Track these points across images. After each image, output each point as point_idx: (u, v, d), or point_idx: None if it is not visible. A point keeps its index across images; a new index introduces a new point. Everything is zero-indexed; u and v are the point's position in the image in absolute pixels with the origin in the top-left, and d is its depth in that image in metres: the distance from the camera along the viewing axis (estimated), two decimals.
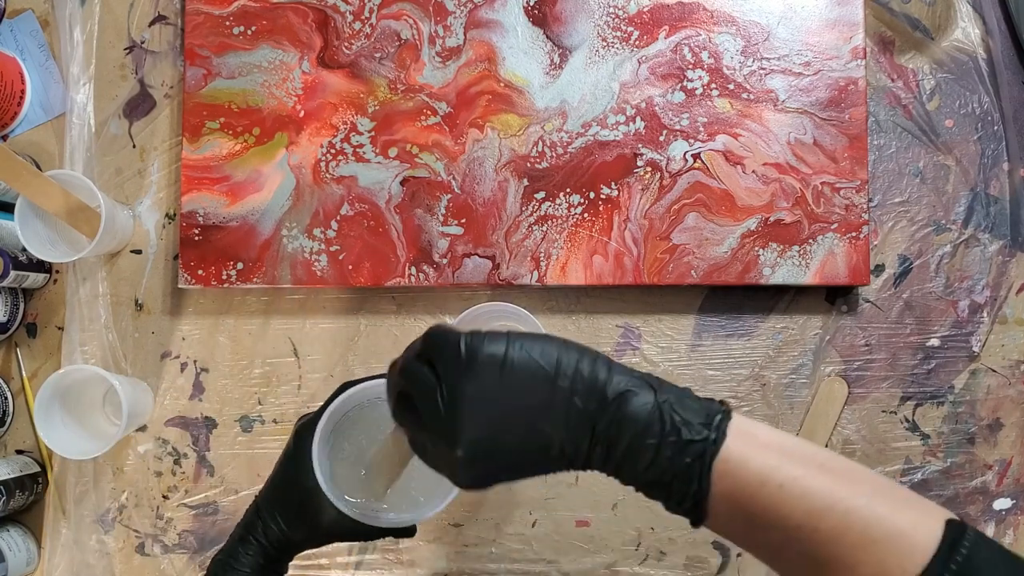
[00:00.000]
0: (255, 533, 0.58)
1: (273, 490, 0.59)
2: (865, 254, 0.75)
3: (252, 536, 0.58)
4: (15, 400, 0.82)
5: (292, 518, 0.57)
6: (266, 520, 0.58)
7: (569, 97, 0.77)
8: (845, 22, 0.76)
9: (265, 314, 0.81)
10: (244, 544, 0.58)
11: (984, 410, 0.77)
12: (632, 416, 0.38)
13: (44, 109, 0.83)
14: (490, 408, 0.38)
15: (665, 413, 0.38)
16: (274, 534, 0.57)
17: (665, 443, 0.38)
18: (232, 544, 0.58)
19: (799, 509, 0.36)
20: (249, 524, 0.58)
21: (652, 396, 0.39)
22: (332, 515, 0.54)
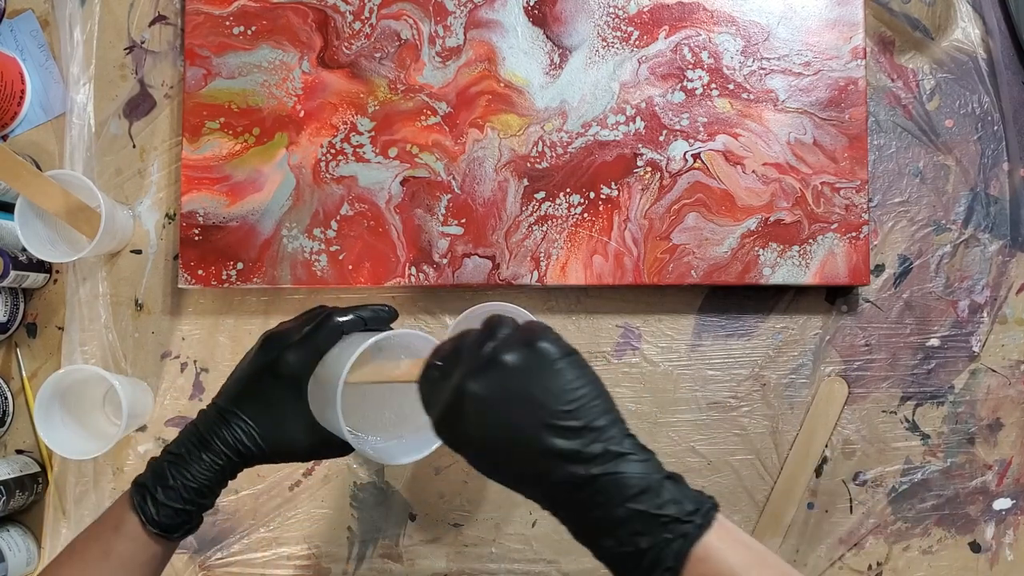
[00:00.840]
0: (218, 438, 0.54)
1: (246, 401, 0.55)
2: (865, 254, 0.75)
3: (215, 440, 0.54)
4: (15, 400, 0.82)
5: (267, 432, 0.54)
6: (236, 430, 0.54)
7: (569, 97, 0.77)
8: (845, 22, 0.76)
9: (265, 314, 0.81)
10: (205, 446, 0.54)
11: (984, 410, 0.77)
12: (627, 476, 0.39)
13: (44, 109, 0.83)
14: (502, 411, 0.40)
15: (662, 487, 0.39)
16: (242, 443, 0.54)
17: (652, 512, 0.38)
18: (187, 444, 0.54)
19: None
20: (211, 429, 0.54)
21: (655, 469, 0.40)
22: (304, 435, 0.55)
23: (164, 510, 0.53)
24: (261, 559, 0.80)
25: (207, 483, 0.54)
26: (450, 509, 0.79)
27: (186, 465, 0.53)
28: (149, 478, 0.54)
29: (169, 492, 0.53)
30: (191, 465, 0.53)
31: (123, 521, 0.52)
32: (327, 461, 0.79)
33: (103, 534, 0.52)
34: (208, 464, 0.54)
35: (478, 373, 0.41)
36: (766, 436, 0.78)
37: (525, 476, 0.42)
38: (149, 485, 0.53)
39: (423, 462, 0.79)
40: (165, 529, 0.53)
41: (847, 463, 0.77)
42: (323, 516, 0.80)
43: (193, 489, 0.53)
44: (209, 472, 0.54)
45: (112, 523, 0.52)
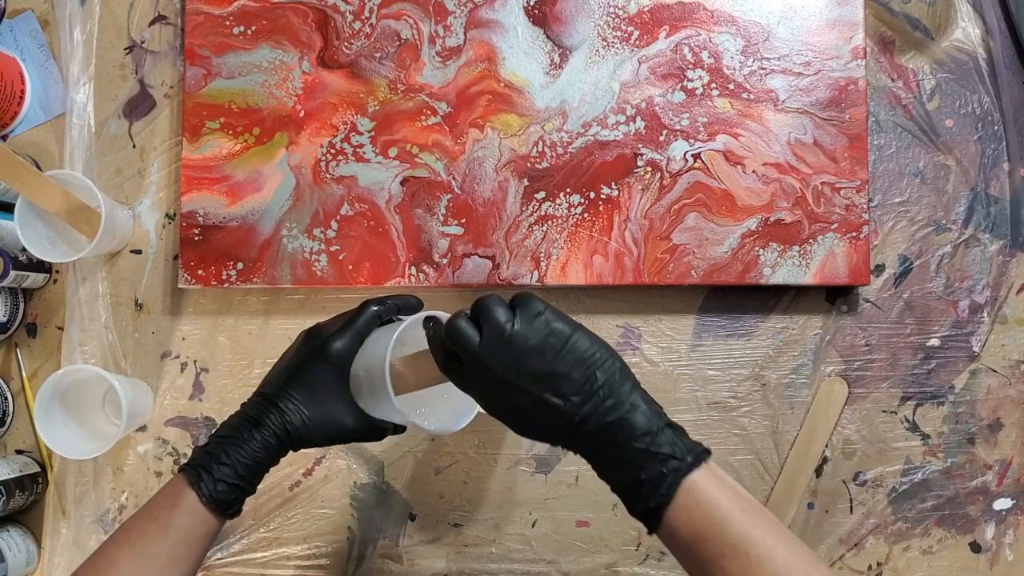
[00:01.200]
0: (269, 419, 0.57)
1: (294, 386, 0.59)
2: (865, 254, 0.75)
3: (267, 420, 0.57)
4: (15, 400, 0.82)
5: (315, 414, 0.58)
6: (285, 411, 0.58)
7: (569, 97, 0.77)
8: (845, 22, 0.76)
9: (265, 314, 0.81)
10: (256, 426, 0.57)
11: (984, 410, 0.77)
12: (634, 421, 0.47)
13: (44, 109, 0.83)
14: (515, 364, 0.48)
15: (661, 431, 0.47)
16: (291, 424, 0.58)
17: (652, 450, 0.46)
18: (238, 427, 0.58)
19: (739, 534, 0.44)
20: (261, 411, 0.58)
21: (657, 417, 0.48)
22: (350, 417, 0.59)
23: (220, 485, 0.55)
24: (261, 559, 0.80)
25: (259, 461, 0.57)
26: (450, 509, 0.79)
27: (239, 444, 0.56)
28: (201, 457, 0.56)
29: (223, 468, 0.55)
30: (244, 444, 0.56)
31: (180, 498, 0.54)
32: (327, 461, 0.79)
33: (159, 513, 0.54)
34: (260, 442, 0.57)
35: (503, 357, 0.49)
36: (766, 436, 0.78)
37: (557, 431, 0.49)
38: (203, 464, 0.56)
39: (423, 462, 0.79)
40: (220, 504, 0.55)
41: (847, 463, 0.77)
42: (323, 516, 0.80)
43: (246, 466, 0.56)
44: (261, 450, 0.56)
45: (168, 503, 0.54)
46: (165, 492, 0.56)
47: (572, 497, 0.78)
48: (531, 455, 0.79)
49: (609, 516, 0.78)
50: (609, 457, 0.48)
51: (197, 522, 0.54)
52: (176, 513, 0.54)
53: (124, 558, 0.52)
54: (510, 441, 0.79)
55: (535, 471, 0.79)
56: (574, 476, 0.79)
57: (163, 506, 0.54)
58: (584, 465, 0.78)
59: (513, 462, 0.79)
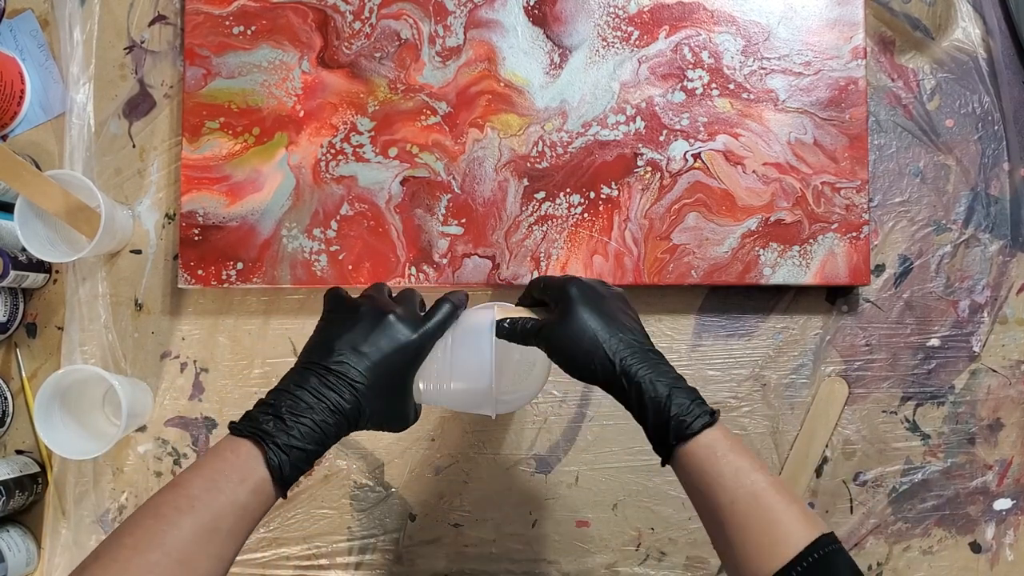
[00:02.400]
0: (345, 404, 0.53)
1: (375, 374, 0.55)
2: (865, 254, 0.75)
3: (343, 405, 0.53)
4: (15, 400, 0.82)
5: (384, 407, 0.55)
6: (363, 401, 0.54)
7: (569, 97, 0.77)
8: (845, 22, 0.76)
9: (265, 314, 0.81)
10: (333, 411, 0.52)
11: (984, 410, 0.77)
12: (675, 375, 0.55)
13: (44, 109, 0.83)
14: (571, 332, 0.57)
15: (692, 393, 0.54)
16: (363, 415, 0.54)
17: (687, 400, 0.53)
18: (314, 406, 0.52)
19: (731, 475, 0.50)
20: (340, 395, 0.53)
21: (683, 382, 0.55)
22: (411, 413, 0.58)
23: (292, 471, 0.51)
24: (261, 559, 0.80)
25: (325, 444, 0.53)
26: (450, 509, 0.79)
27: (312, 422, 0.52)
28: (276, 432, 0.51)
29: (296, 451, 0.51)
30: (317, 423, 0.52)
31: (251, 474, 0.49)
32: (327, 461, 0.79)
33: (226, 486, 0.48)
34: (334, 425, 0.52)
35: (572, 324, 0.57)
36: (766, 436, 0.78)
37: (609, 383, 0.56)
38: (277, 440, 0.50)
39: (423, 462, 0.79)
40: (285, 486, 0.51)
41: (847, 463, 0.77)
42: (323, 516, 0.80)
43: (315, 452, 0.52)
44: (332, 435, 0.53)
45: (236, 475, 0.49)
46: (230, 462, 0.50)
47: (572, 497, 0.78)
48: (531, 455, 0.79)
49: (609, 516, 0.78)
50: (636, 405, 0.54)
51: (262, 500, 0.50)
52: (245, 489, 0.48)
53: (187, 527, 0.46)
54: (510, 441, 0.79)
55: (535, 471, 0.79)
56: (574, 476, 0.79)
57: (230, 479, 0.48)
58: (584, 465, 0.78)
59: (513, 462, 0.79)
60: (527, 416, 0.79)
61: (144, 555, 0.45)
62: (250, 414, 0.52)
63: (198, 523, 0.47)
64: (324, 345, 0.56)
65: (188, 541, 0.46)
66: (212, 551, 0.47)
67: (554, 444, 0.79)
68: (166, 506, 0.47)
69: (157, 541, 0.45)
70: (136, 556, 0.45)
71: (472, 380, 0.59)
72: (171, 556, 0.45)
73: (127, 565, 0.44)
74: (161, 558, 0.45)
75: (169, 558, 0.45)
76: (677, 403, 0.52)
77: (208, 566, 0.46)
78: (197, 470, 0.50)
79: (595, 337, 0.56)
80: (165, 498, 0.48)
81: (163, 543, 0.45)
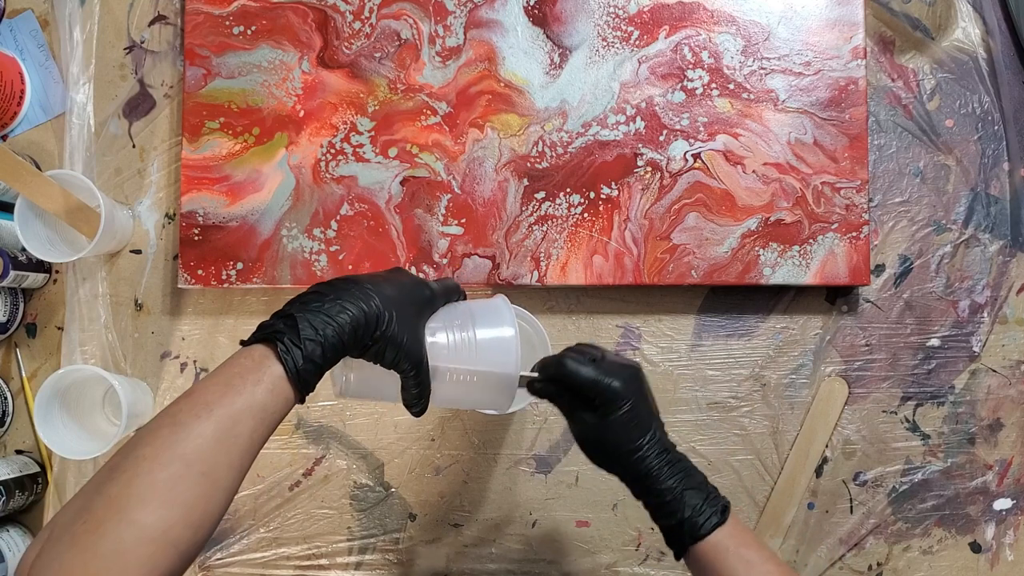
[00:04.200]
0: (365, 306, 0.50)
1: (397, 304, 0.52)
2: (865, 254, 0.75)
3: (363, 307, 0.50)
4: (15, 400, 0.82)
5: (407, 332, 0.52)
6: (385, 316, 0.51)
7: (569, 97, 0.77)
8: (845, 22, 0.76)
9: (265, 314, 0.80)
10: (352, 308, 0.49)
11: (984, 410, 0.77)
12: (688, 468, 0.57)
13: (44, 109, 0.83)
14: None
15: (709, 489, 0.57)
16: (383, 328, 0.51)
17: (700, 500, 0.55)
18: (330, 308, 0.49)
19: (743, 570, 0.53)
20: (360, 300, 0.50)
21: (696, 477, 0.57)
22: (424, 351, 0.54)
23: (308, 364, 0.48)
24: (261, 559, 0.80)
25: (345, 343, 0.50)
26: (450, 509, 0.79)
27: (328, 320, 0.49)
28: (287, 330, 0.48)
29: (311, 344, 0.48)
30: (334, 319, 0.49)
31: (264, 373, 0.47)
32: (327, 461, 0.79)
33: (243, 387, 0.46)
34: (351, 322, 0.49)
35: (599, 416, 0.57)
36: (766, 436, 0.78)
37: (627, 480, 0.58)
38: (291, 336, 0.48)
39: (423, 462, 0.79)
40: (304, 384, 0.48)
41: (847, 463, 0.77)
42: (323, 516, 0.80)
43: (333, 346, 0.49)
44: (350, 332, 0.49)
45: (251, 376, 0.47)
46: (244, 366, 0.47)
47: (572, 497, 0.78)
48: (531, 455, 0.79)
49: (609, 516, 0.78)
50: (650, 501, 0.57)
51: (281, 401, 0.47)
52: (262, 389, 0.46)
53: (207, 433, 0.44)
54: (510, 441, 0.79)
55: (535, 471, 0.79)
56: (574, 476, 0.79)
57: (246, 381, 0.46)
58: (584, 465, 0.78)
59: (513, 462, 0.79)
60: (527, 416, 0.79)
61: (166, 468, 0.42)
62: (261, 323, 0.50)
63: (218, 429, 0.44)
64: (340, 277, 0.53)
65: (209, 449, 0.44)
66: (233, 459, 0.45)
67: (554, 444, 0.79)
68: (183, 414, 0.45)
69: (178, 451, 0.43)
70: (158, 469, 0.42)
71: (498, 369, 0.56)
72: (193, 467, 0.43)
73: (151, 480, 0.42)
74: (183, 470, 0.43)
75: (191, 470, 0.43)
76: (691, 504, 0.55)
77: (228, 477, 0.44)
78: (211, 377, 0.47)
79: (632, 441, 0.56)
80: (180, 406, 0.45)
81: (184, 453, 0.43)
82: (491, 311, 0.58)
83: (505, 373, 0.56)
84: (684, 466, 0.57)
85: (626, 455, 0.56)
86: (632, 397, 0.56)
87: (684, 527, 0.54)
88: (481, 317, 0.57)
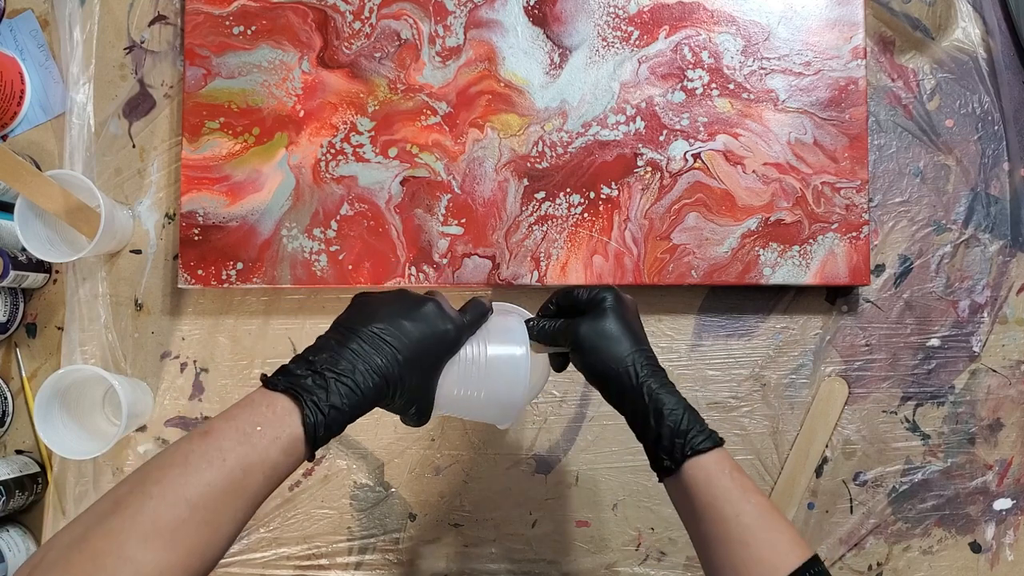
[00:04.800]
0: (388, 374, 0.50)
1: (416, 355, 0.52)
2: (865, 254, 0.75)
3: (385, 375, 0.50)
4: (15, 400, 0.82)
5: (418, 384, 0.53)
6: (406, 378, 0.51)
7: (569, 97, 0.77)
8: (845, 22, 0.76)
9: (265, 314, 0.81)
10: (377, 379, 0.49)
11: (984, 410, 0.77)
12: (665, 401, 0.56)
13: (44, 109, 0.83)
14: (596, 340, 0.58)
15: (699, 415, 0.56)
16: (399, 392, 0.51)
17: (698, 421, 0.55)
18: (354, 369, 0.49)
19: (737, 491, 0.52)
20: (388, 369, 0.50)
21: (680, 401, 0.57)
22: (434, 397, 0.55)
23: (327, 432, 0.48)
24: (261, 559, 0.80)
25: (360, 412, 0.50)
26: (450, 509, 0.79)
27: (353, 387, 0.49)
28: (317, 391, 0.48)
29: (335, 413, 0.48)
30: (357, 388, 0.49)
31: (284, 434, 0.46)
32: (327, 461, 0.79)
33: (264, 446, 0.45)
34: (374, 391, 0.50)
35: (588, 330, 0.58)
36: (766, 436, 0.78)
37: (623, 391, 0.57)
38: (319, 403, 0.48)
39: (423, 462, 0.79)
40: (315, 448, 0.48)
41: (847, 463, 0.77)
42: (323, 516, 0.80)
43: (350, 416, 0.49)
44: (370, 402, 0.50)
45: (272, 432, 0.46)
46: (265, 417, 0.46)
47: (572, 497, 0.78)
48: (531, 455, 0.79)
49: (609, 516, 0.78)
50: (640, 424, 0.56)
51: (292, 461, 0.47)
52: (277, 447, 0.46)
53: (217, 482, 0.43)
54: (510, 441, 0.79)
55: (535, 471, 0.79)
56: (574, 476, 0.79)
57: (264, 435, 0.45)
58: (584, 465, 0.78)
59: (513, 462, 0.79)
60: (527, 416, 0.79)
61: (171, 510, 0.41)
62: (286, 368, 0.50)
63: (228, 480, 0.44)
64: (365, 314, 0.53)
65: (215, 499, 0.43)
66: (237, 512, 0.44)
67: (554, 444, 0.79)
68: (195, 455, 0.44)
69: (185, 495, 0.42)
70: (163, 509, 0.41)
71: (505, 388, 0.57)
72: (197, 514, 0.42)
73: (154, 519, 0.41)
74: (188, 514, 0.42)
75: (195, 515, 0.42)
76: (689, 419, 0.54)
77: (228, 529, 0.44)
78: (229, 420, 0.46)
79: (623, 343, 0.57)
80: (194, 446, 0.44)
81: (190, 498, 0.42)
82: (504, 331, 0.58)
83: (514, 391, 0.57)
84: (675, 389, 0.57)
85: (621, 359, 0.56)
86: (616, 297, 0.59)
87: (687, 438, 0.53)
88: (495, 334, 0.58)
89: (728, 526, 0.51)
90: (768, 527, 0.51)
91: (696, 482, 0.53)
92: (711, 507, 0.52)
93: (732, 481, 0.52)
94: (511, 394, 0.57)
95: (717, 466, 0.53)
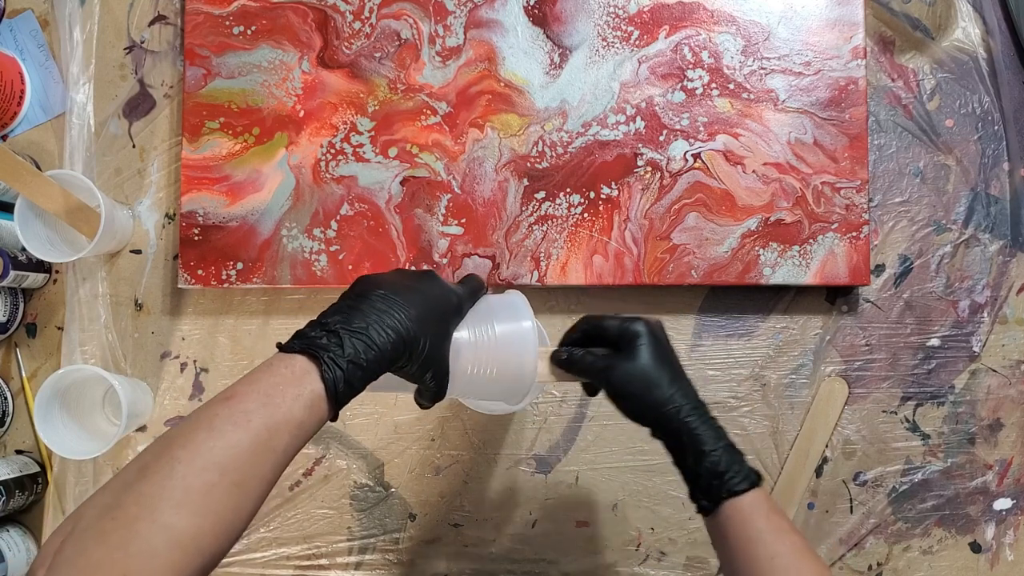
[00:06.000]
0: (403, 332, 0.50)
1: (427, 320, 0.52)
2: (865, 254, 0.75)
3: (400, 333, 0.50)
4: (15, 400, 0.82)
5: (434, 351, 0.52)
6: (421, 339, 0.51)
7: (569, 97, 0.77)
8: (845, 22, 0.76)
9: (265, 314, 0.81)
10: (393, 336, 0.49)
11: (984, 410, 0.77)
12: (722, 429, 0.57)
13: (44, 109, 0.83)
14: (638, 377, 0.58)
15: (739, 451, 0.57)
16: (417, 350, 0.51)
17: (737, 458, 0.56)
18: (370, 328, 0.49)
19: (773, 532, 0.53)
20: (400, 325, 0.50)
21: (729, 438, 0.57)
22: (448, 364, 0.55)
23: (348, 388, 0.48)
24: (261, 559, 0.80)
25: (381, 367, 0.50)
26: (450, 509, 0.79)
27: (371, 345, 0.49)
28: (334, 348, 0.48)
29: (355, 368, 0.48)
30: (375, 345, 0.49)
31: (305, 389, 0.46)
32: (327, 461, 0.79)
33: (286, 403, 0.46)
34: (393, 348, 0.49)
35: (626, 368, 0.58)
36: (766, 436, 0.78)
37: (666, 431, 0.57)
38: (336, 359, 0.48)
39: (423, 462, 0.79)
40: (339, 405, 0.48)
41: (847, 463, 0.77)
42: (323, 516, 0.80)
43: (373, 371, 0.49)
44: (390, 358, 0.50)
45: (293, 390, 0.46)
46: (285, 376, 0.46)
47: (572, 497, 0.78)
48: (531, 455, 0.79)
49: (609, 516, 0.78)
50: (683, 457, 0.56)
51: (316, 418, 0.47)
52: (300, 404, 0.46)
53: (244, 444, 0.43)
54: (510, 441, 0.79)
55: (535, 471, 0.79)
56: (574, 476, 0.79)
57: (286, 394, 0.45)
58: (584, 465, 0.78)
59: (513, 462, 0.79)
60: (527, 416, 0.79)
61: (201, 474, 0.41)
62: (301, 332, 0.50)
63: (255, 440, 0.43)
64: (373, 283, 0.53)
65: (244, 460, 0.43)
66: (265, 472, 0.44)
67: (554, 444, 0.79)
68: (220, 419, 0.43)
69: (214, 458, 0.42)
70: (192, 474, 0.41)
71: (516, 360, 0.57)
72: (227, 477, 0.42)
73: (185, 485, 0.40)
74: (218, 478, 0.41)
75: (225, 479, 0.42)
76: (728, 460, 0.55)
77: (259, 489, 0.44)
78: (251, 383, 0.46)
79: (661, 386, 0.56)
80: (217, 410, 0.44)
81: (219, 461, 0.42)
82: (509, 306, 0.59)
83: (524, 363, 0.57)
84: (717, 424, 0.57)
85: (661, 402, 0.56)
86: (652, 332, 0.58)
87: (724, 479, 0.54)
88: (500, 311, 0.58)
89: (762, 565, 0.52)
90: (801, 569, 0.52)
91: (732, 523, 0.54)
92: (746, 548, 0.53)
93: (768, 522, 0.53)
94: (522, 366, 0.57)
95: (753, 507, 0.54)
